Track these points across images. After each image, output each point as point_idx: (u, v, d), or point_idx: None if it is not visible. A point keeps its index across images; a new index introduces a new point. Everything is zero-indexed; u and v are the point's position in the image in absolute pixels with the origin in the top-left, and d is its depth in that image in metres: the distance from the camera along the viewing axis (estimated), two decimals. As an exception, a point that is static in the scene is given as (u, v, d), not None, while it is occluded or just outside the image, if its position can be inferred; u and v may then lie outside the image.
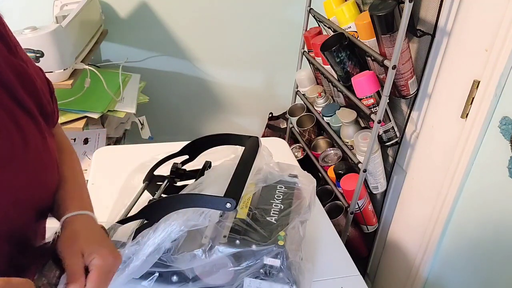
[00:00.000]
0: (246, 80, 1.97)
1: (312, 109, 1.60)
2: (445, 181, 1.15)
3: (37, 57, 1.22)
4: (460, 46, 1.09)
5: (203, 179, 0.83)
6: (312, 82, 1.68)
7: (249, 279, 0.76)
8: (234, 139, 0.91)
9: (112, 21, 1.72)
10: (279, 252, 0.73)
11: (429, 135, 1.25)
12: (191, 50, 1.85)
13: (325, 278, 0.86)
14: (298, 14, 1.68)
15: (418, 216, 1.32)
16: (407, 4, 1.03)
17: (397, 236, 1.46)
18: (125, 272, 0.71)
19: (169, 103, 1.95)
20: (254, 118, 2.07)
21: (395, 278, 1.48)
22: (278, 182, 0.90)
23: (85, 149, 1.54)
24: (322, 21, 1.48)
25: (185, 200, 0.73)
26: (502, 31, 0.93)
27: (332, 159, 1.54)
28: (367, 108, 1.23)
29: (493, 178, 1.01)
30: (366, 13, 1.17)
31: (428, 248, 1.26)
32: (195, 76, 1.92)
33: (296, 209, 0.83)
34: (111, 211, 0.85)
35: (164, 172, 0.95)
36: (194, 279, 0.78)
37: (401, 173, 1.39)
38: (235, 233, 0.75)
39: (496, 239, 1.02)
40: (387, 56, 1.14)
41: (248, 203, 0.83)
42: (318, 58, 1.52)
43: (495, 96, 0.97)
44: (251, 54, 1.91)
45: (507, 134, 0.95)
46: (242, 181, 0.74)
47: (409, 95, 1.24)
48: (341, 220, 1.42)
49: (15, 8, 1.64)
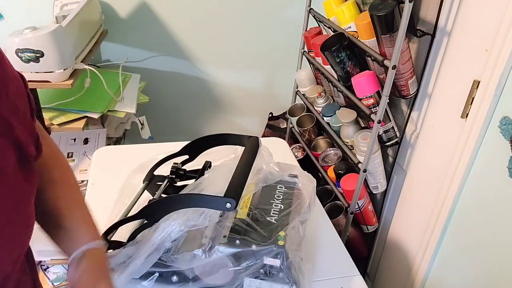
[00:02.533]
0: (246, 80, 1.97)
1: (312, 109, 1.60)
2: (445, 181, 1.15)
3: (37, 57, 1.22)
4: (460, 46, 1.09)
5: (203, 179, 0.83)
6: (312, 82, 1.68)
7: (249, 279, 0.76)
8: (234, 139, 0.91)
9: (112, 21, 1.72)
10: (279, 252, 0.73)
11: (429, 135, 1.25)
12: (191, 50, 1.85)
13: (325, 278, 0.86)
14: (298, 14, 1.68)
15: (418, 216, 1.32)
16: (407, 4, 1.03)
17: (397, 236, 1.46)
18: (125, 272, 0.71)
19: (169, 103, 1.95)
20: (254, 118, 2.07)
21: (395, 278, 1.48)
22: (278, 182, 0.90)
23: (85, 149, 1.54)
24: (322, 21, 1.48)
25: (185, 200, 0.73)
26: (502, 31, 0.93)
27: (332, 159, 1.54)
28: (367, 108, 1.23)
29: (493, 178, 1.01)
30: (366, 13, 1.17)
31: (428, 248, 1.25)
32: (195, 76, 1.91)
33: (296, 209, 0.83)
34: (111, 211, 0.85)
35: (164, 172, 0.95)
36: (194, 279, 0.78)
37: (401, 173, 1.39)
38: (235, 233, 0.75)
39: (496, 239, 1.02)
40: (387, 56, 1.14)
41: (248, 203, 0.83)
42: (318, 58, 1.52)
43: (495, 96, 0.97)
44: (251, 54, 1.91)
45: (507, 134, 0.95)
46: (242, 181, 0.74)
47: (409, 95, 1.24)
48: (341, 220, 1.42)
49: (15, 8, 1.64)
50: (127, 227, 0.77)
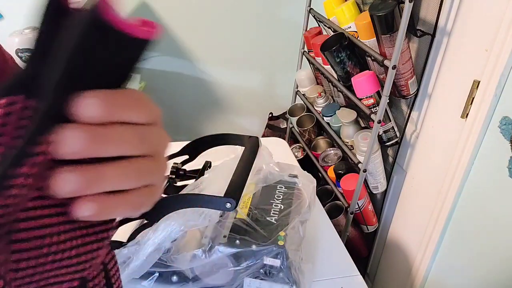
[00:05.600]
0: (246, 80, 1.97)
1: (312, 109, 1.60)
2: (445, 181, 1.15)
3: (37, 57, 1.22)
4: (460, 46, 1.09)
5: (203, 179, 0.83)
6: (312, 82, 1.68)
7: (249, 279, 0.76)
8: (234, 139, 0.91)
9: (112, 21, 1.72)
10: (279, 252, 0.73)
11: (429, 135, 1.25)
12: (191, 50, 1.85)
13: (325, 278, 0.86)
14: (298, 14, 1.68)
15: (418, 216, 1.32)
16: (407, 4, 1.02)
17: (397, 236, 1.46)
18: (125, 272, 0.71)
19: (169, 103, 1.95)
20: (254, 118, 2.07)
21: (395, 278, 1.48)
22: (278, 182, 0.90)
23: (85, 149, 1.54)
24: (322, 21, 1.48)
25: (185, 200, 0.73)
26: (502, 31, 0.93)
27: (332, 159, 1.54)
28: (367, 108, 1.23)
29: (493, 178, 1.01)
30: (366, 13, 1.17)
31: (428, 248, 1.25)
32: (195, 76, 1.92)
33: (296, 209, 0.83)
34: (111, 211, 0.85)
35: (164, 172, 0.94)
36: (194, 279, 0.78)
37: (401, 173, 1.39)
38: (235, 233, 0.75)
39: (496, 239, 1.02)
40: (387, 56, 1.14)
41: (248, 203, 0.83)
42: (318, 58, 1.52)
43: (495, 96, 0.97)
44: (251, 54, 1.91)
45: (507, 134, 0.95)
46: (242, 181, 0.74)
47: (409, 95, 1.24)
48: (341, 220, 1.42)
49: (15, 8, 1.64)
50: (127, 227, 0.77)
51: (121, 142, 0.23)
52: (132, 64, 0.24)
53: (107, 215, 0.25)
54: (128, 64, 0.24)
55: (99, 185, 0.23)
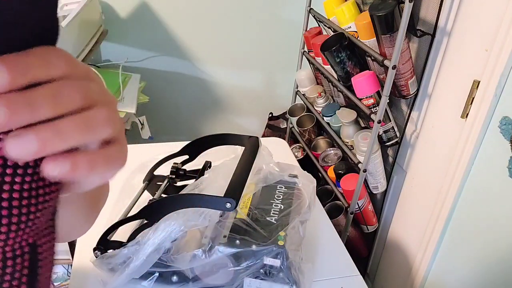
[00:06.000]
0: (246, 80, 1.97)
1: (312, 109, 1.60)
2: (445, 181, 1.15)
3: (37, 57, 1.22)
4: (460, 46, 1.09)
5: (203, 179, 0.83)
6: (312, 82, 1.68)
7: (249, 279, 0.76)
8: (234, 139, 0.91)
9: (112, 21, 1.72)
10: (279, 252, 0.73)
11: (429, 135, 1.25)
12: (191, 50, 1.85)
13: (325, 278, 0.86)
14: (298, 14, 1.68)
15: (418, 216, 1.32)
16: (407, 4, 1.03)
17: (397, 236, 1.46)
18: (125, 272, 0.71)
19: (169, 103, 1.95)
20: (254, 118, 2.07)
21: (395, 278, 1.48)
22: (278, 182, 0.90)
23: (85, 149, 1.54)
24: (322, 21, 1.48)
25: (185, 200, 0.73)
26: (502, 31, 0.93)
27: (332, 159, 1.54)
28: (367, 108, 1.23)
29: (493, 178, 1.01)
30: (366, 13, 1.17)
31: (428, 248, 1.25)
32: (195, 76, 1.91)
33: (296, 209, 0.83)
34: (111, 211, 0.85)
35: (164, 172, 0.95)
36: (194, 279, 0.78)
37: (401, 173, 1.39)
38: (235, 233, 0.75)
39: (496, 239, 1.02)
40: (387, 56, 1.14)
41: (248, 203, 0.83)
42: (318, 58, 1.52)
43: (495, 96, 0.97)
44: (251, 54, 1.91)
45: (507, 134, 0.95)
46: (242, 181, 0.74)
47: (409, 95, 1.24)
48: (341, 220, 1.42)
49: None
50: (127, 227, 0.77)
51: (50, 99, 0.22)
52: (42, 20, 0.22)
53: (83, 172, 0.24)
54: (37, 21, 0.22)
55: (58, 141, 0.23)
